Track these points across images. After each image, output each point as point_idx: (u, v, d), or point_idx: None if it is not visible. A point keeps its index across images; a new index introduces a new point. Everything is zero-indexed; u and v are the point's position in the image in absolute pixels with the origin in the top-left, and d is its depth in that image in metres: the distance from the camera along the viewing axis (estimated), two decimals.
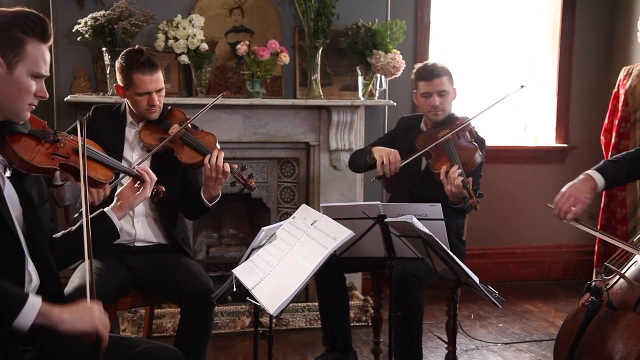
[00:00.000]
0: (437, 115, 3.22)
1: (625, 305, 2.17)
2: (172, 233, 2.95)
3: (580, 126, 5.12)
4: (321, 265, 2.11)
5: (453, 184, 2.85)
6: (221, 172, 2.81)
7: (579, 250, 5.14)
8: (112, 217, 2.22)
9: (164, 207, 2.93)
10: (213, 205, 2.92)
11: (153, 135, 2.90)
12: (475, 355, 3.68)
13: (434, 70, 3.21)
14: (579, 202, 2.39)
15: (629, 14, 4.94)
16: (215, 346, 3.69)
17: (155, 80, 2.84)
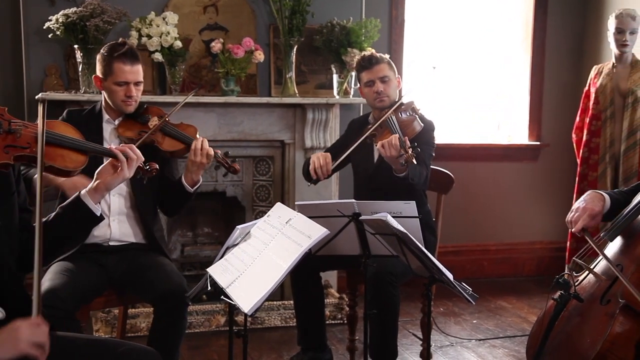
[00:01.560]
0: (382, 101, 3.24)
1: (592, 298, 2.22)
2: (152, 229, 2.94)
3: (553, 124, 5.18)
4: (296, 263, 2.11)
5: (390, 146, 2.86)
6: (205, 156, 2.85)
7: (552, 247, 5.21)
8: (87, 203, 2.14)
9: (142, 205, 2.91)
10: (195, 191, 2.93)
11: (131, 130, 2.89)
12: (449, 351, 3.70)
13: (372, 58, 3.26)
14: (588, 210, 2.35)
15: (600, 13, 5.00)
16: (190, 345, 3.67)
17: (135, 71, 2.85)
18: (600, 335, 2.06)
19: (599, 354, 2.04)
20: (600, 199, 2.39)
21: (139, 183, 2.79)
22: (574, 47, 5.19)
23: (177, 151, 2.91)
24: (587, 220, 2.33)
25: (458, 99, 5.16)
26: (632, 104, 4.19)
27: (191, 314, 3.86)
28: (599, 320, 2.12)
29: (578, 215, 2.36)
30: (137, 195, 2.90)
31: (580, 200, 2.42)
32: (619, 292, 2.11)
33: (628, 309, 2.07)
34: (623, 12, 4.16)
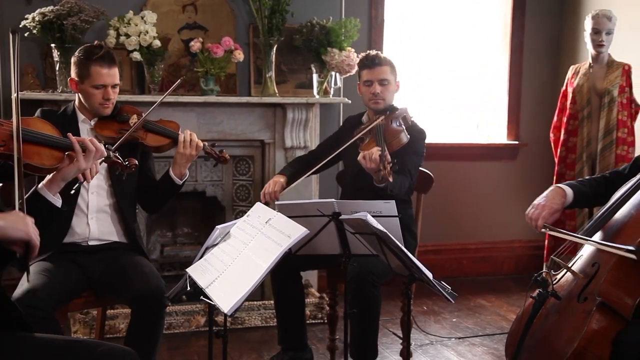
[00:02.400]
0: (377, 103, 3.25)
1: (569, 296, 2.24)
2: (132, 227, 2.93)
3: (531, 124, 5.23)
4: (276, 263, 2.11)
5: (370, 159, 2.86)
6: (195, 147, 2.88)
7: (530, 246, 5.25)
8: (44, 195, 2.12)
9: (121, 203, 2.90)
10: (183, 184, 2.95)
11: (110, 128, 2.87)
12: (429, 350, 3.72)
13: (375, 59, 3.25)
14: (547, 208, 2.44)
15: (577, 14, 5.06)
16: (169, 346, 3.65)
17: (112, 74, 2.84)
18: (578, 333, 2.08)
19: (576, 351, 2.06)
20: (561, 195, 2.47)
21: (119, 180, 2.78)
22: (552, 48, 5.24)
23: (163, 146, 2.92)
24: (547, 217, 2.43)
25: (437, 99, 5.18)
26: (609, 104, 4.24)
27: (171, 315, 3.84)
28: (576, 318, 2.14)
29: (537, 213, 2.44)
30: (115, 193, 2.89)
31: (541, 197, 2.50)
32: (596, 289, 2.13)
33: (604, 306, 2.10)
34: (599, 12, 4.20)
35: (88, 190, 2.85)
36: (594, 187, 2.55)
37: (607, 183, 2.55)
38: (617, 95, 4.23)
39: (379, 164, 2.82)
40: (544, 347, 2.21)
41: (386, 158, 2.82)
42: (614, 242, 2.18)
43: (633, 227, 2.18)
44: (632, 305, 2.09)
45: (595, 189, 2.54)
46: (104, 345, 1.94)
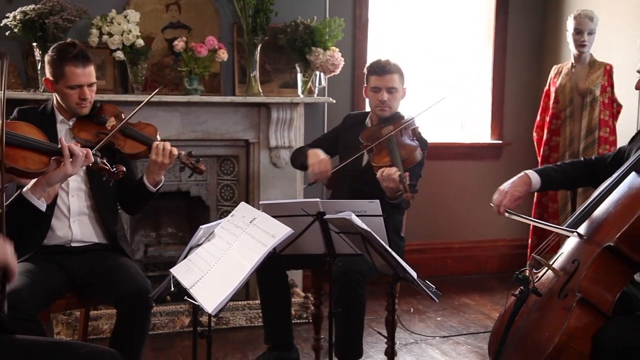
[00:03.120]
0: (384, 111, 3.25)
1: (550, 293, 2.26)
2: (113, 229, 2.90)
3: (514, 123, 5.26)
4: (262, 263, 2.11)
5: (390, 179, 2.88)
6: (168, 156, 2.80)
7: (514, 244, 5.28)
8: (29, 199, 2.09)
9: (101, 205, 2.87)
10: (157, 191, 2.90)
11: (88, 130, 2.82)
12: (414, 349, 3.73)
13: (386, 66, 3.24)
14: (509, 195, 2.55)
15: (559, 13, 5.09)
16: (154, 347, 3.64)
17: (87, 73, 2.77)
18: (558, 329, 2.10)
19: (557, 347, 2.08)
20: (525, 182, 2.59)
21: (98, 183, 2.75)
22: (534, 47, 5.27)
23: (139, 153, 2.86)
24: (508, 204, 2.54)
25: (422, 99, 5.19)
26: (591, 103, 4.27)
27: (155, 315, 3.82)
28: (556, 314, 2.16)
29: (500, 200, 2.56)
30: (95, 195, 2.85)
31: (507, 183, 2.60)
32: (576, 286, 2.15)
33: (585, 302, 2.12)
34: (581, 13, 4.24)
35: (68, 194, 2.81)
36: (567, 171, 2.64)
37: (586, 168, 2.63)
38: (599, 94, 4.26)
39: (398, 185, 2.84)
40: (526, 344, 2.23)
41: (406, 178, 2.83)
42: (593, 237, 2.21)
43: (611, 223, 2.21)
44: (612, 301, 2.11)
45: (569, 174, 2.64)
46: (87, 347, 1.93)
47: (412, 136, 3.22)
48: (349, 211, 2.41)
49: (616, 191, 2.28)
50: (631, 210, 2.14)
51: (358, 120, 3.44)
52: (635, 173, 2.26)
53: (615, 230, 2.14)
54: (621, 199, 2.25)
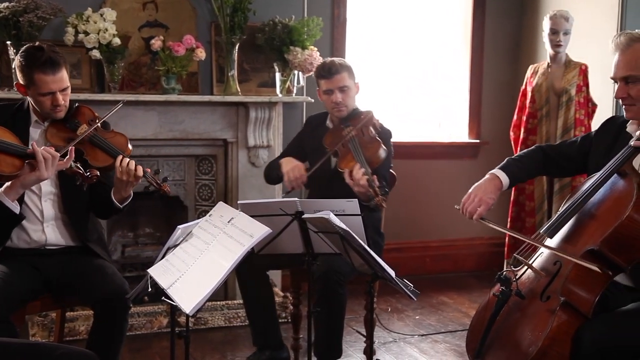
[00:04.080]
0: (340, 111, 3.25)
1: (532, 294, 2.26)
2: (85, 235, 2.85)
3: (492, 122, 5.29)
4: (241, 263, 2.10)
5: (359, 185, 2.87)
6: (133, 176, 2.68)
7: (491, 243, 5.32)
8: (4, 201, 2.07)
9: (74, 209, 2.83)
10: (124, 207, 2.82)
11: (59, 135, 2.73)
12: (392, 347, 3.74)
13: (332, 67, 3.23)
14: (483, 203, 2.48)
15: (536, 13, 5.14)
16: (131, 348, 3.61)
17: (58, 79, 2.66)
18: (542, 332, 2.10)
19: (540, 351, 2.08)
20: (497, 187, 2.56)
21: (70, 186, 2.70)
22: (511, 47, 5.31)
23: (106, 167, 2.71)
24: (482, 213, 2.50)
25: (400, 98, 5.21)
26: (566, 103, 4.32)
27: (132, 316, 3.79)
28: (539, 317, 2.16)
29: (473, 207, 2.50)
30: (65, 199, 2.80)
31: (479, 187, 2.55)
32: (559, 288, 2.15)
33: (567, 305, 2.12)
34: (557, 13, 4.28)
35: (41, 198, 2.76)
36: (528, 165, 2.62)
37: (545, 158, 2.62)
38: (574, 94, 4.31)
39: (367, 189, 2.83)
40: (508, 345, 2.23)
41: (374, 181, 2.82)
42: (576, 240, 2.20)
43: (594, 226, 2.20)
44: (593, 303, 2.11)
45: (530, 167, 2.63)
46: (63, 348, 1.91)
47: (374, 131, 3.18)
48: (328, 210, 2.41)
49: (598, 193, 2.26)
50: (614, 214, 2.13)
51: (319, 121, 3.43)
52: (617, 175, 2.25)
53: (599, 234, 2.13)
54: (604, 202, 2.24)
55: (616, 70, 2.29)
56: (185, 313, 2.01)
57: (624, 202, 2.13)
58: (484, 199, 2.49)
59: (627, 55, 2.25)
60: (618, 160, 2.26)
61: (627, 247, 2.11)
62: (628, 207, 2.10)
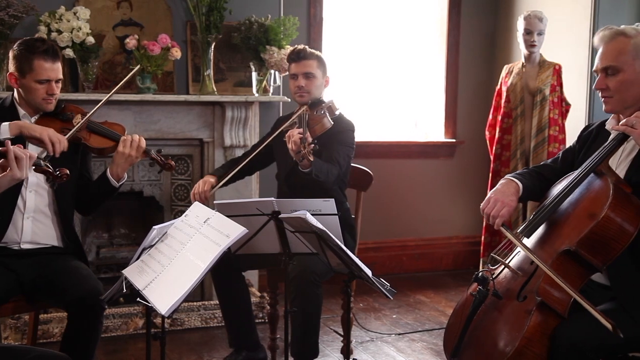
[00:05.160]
0: (302, 97, 3.25)
1: (509, 294, 2.26)
2: (68, 230, 2.85)
3: (467, 122, 5.33)
4: (217, 264, 2.09)
5: (291, 141, 2.88)
6: (136, 148, 2.81)
7: (467, 242, 5.36)
8: None
9: (64, 202, 2.82)
10: (119, 187, 2.88)
11: (53, 127, 2.76)
12: (370, 346, 3.75)
13: (301, 52, 3.27)
14: (505, 206, 2.36)
15: (510, 14, 5.18)
16: (106, 350, 3.57)
17: (56, 69, 2.77)
18: (518, 332, 2.11)
19: (517, 351, 2.09)
20: (516, 190, 2.41)
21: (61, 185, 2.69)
22: (487, 47, 5.35)
23: (106, 148, 2.85)
24: (505, 216, 2.34)
25: (376, 97, 5.23)
26: (541, 102, 4.36)
27: (108, 317, 3.76)
28: (516, 317, 2.17)
29: (497, 210, 2.35)
30: (58, 196, 2.80)
31: (498, 191, 2.41)
32: (535, 288, 2.16)
33: (544, 305, 2.13)
34: (531, 13, 4.32)
35: (27, 188, 2.75)
36: (533, 181, 2.52)
37: (539, 177, 2.53)
38: (548, 94, 4.35)
39: (299, 145, 2.82)
40: (485, 345, 2.23)
41: (307, 139, 2.83)
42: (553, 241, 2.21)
43: (571, 226, 2.21)
44: (569, 303, 2.13)
45: (534, 184, 2.52)
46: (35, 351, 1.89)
47: (326, 112, 3.16)
48: (304, 210, 2.40)
49: (574, 193, 2.27)
50: (591, 214, 2.14)
51: (285, 119, 3.44)
52: (593, 174, 2.26)
53: (575, 234, 2.14)
54: (580, 202, 2.24)
55: (597, 62, 2.31)
56: (161, 314, 1.99)
57: (600, 202, 2.14)
58: (505, 201, 2.36)
59: (609, 46, 2.27)
60: (594, 160, 2.27)
61: (603, 247, 2.12)
62: (604, 207, 2.10)
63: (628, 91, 2.25)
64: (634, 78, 2.24)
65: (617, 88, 2.26)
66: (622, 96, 2.26)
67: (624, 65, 2.24)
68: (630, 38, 2.24)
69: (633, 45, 2.24)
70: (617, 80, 2.26)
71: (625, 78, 2.24)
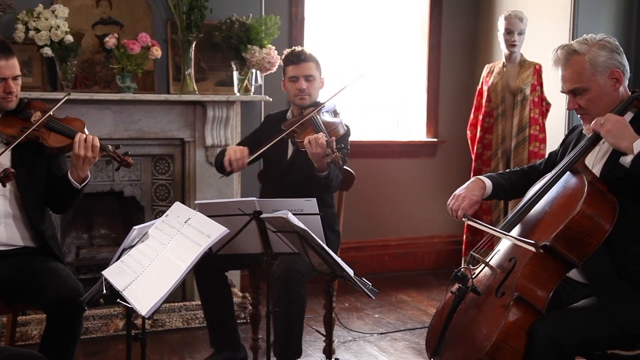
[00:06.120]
0: (303, 99, 3.26)
1: (488, 291, 2.29)
2: (41, 229, 2.79)
3: (449, 121, 5.35)
4: (200, 264, 2.08)
5: (317, 144, 2.89)
6: (90, 149, 2.71)
7: (449, 241, 5.38)
8: None
9: (30, 203, 2.76)
10: (83, 188, 2.80)
11: (13, 127, 2.72)
12: (352, 346, 3.75)
13: (301, 55, 3.27)
14: (467, 199, 2.48)
15: (491, 13, 5.21)
16: (86, 352, 3.54)
17: (11, 65, 2.68)
18: (496, 327, 2.13)
19: (494, 345, 2.10)
20: (480, 186, 2.53)
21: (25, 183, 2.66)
22: (468, 47, 5.38)
23: (64, 147, 2.77)
24: (466, 208, 2.46)
25: (358, 97, 5.23)
26: (521, 102, 4.38)
27: (87, 319, 3.72)
28: (494, 312, 2.19)
29: (458, 204, 2.48)
30: (24, 196, 2.75)
31: (462, 188, 2.54)
32: (513, 284, 2.18)
33: (521, 300, 2.15)
34: (511, 13, 4.35)
35: None
36: (512, 180, 2.63)
37: (525, 176, 2.64)
38: (529, 93, 4.38)
39: (325, 149, 2.85)
40: (464, 341, 2.26)
41: (332, 144, 2.85)
42: (530, 237, 2.24)
43: (547, 223, 2.24)
44: (546, 299, 2.16)
45: (513, 182, 2.62)
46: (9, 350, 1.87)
47: (335, 115, 3.24)
48: (286, 210, 2.40)
49: (551, 191, 2.31)
50: (566, 210, 2.17)
51: (279, 117, 3.44)
52: (570, 173, 2.30)
53: (551, 230, 2.17)
54: (556, 199, 2.28)
55: (562, 85, 2.37)
56: (142, 315, 1.97)
57: (575, 198, 2.18)
58: (467, 195, 2.49)
59: (568, 69, 2.31)
60: (571, 159, 2.32)
61: (579, 242, 2.15)
62: (579, 203, 2.14)
63: (599, 105, 2.30)
64: (601, 92, 2.29)
65: (589, 105, 2.31)
66: (595, 112, 2.30)
67: (588, 84, 2.28)
68: (583, 55, 2.28)
69: (589, 63, 2.27)
70: (587, 99, 2.30)
71: (594, 95, 2.29)
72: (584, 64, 2.28)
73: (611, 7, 4.66)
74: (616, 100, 2.30)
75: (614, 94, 2.29)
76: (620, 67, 2.28)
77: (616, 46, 2.30)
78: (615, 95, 2.30)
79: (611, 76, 2.28)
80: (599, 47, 2.28)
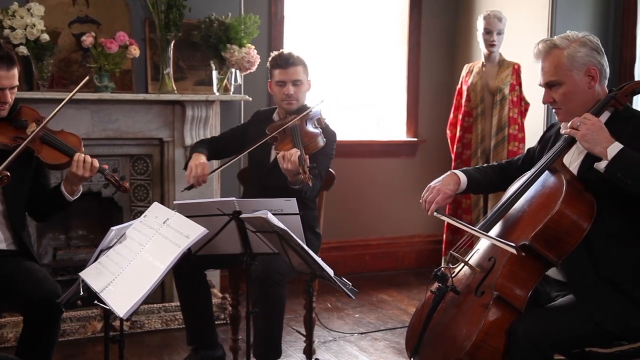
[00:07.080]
0: (290, 104, 3.24)
1: (467, 290, 2.30)
2: (21, 235, 2.77)
3: (429, 121, 5.36)
4: (179, 264, 2.06)
5: (289, 160, 2.87)
6: (89, 170, 2.72)
7: (430, 240, 5.39)
8: None
9: (15, 208, 2.74)
10: (74, 201, 2.81)
11: (6, 134, 2.69)
12: (332, 346, 3.74)
13: (289, 59, 3.23)
14: (441, 192, 2.49)
15: (470, 13, 5.23)
16: (64, 354, 3.50)
17: (11, 76, 2.66)
18: (475, 326, 2.14)
19: (474, 345, 2.11)
20: (455, 181, 2.54)
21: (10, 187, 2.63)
22: (447, 47, 5.40)
23: (61, 164, 2.76)
24: (440, 202, 2.48)
25: (338, 96, 5.22)
26: (500, 102, 4.41)
27: (65, 321, 3.68)
28: (474, 312, 2.20)
29: (432, 197, 2.49)
30: (8, 202, 2.72)
31: (436, 181, 2.55)
32: (492, 283, 2.19)
33: (500, 299, 2.16)
34: (490, 13, 4.37)
35: None
36: (488, 174, 2.64)
37: (501, 171, 2.66)
38: (508, 93, 4.41)
39: (297, 167, 2.82)
40: (444, 341, 2.26)
41: (305, 161, 2.82)
42: (508, 236, 2.25)
43: (526, 222, 2.25)
44: (525, 298, 2.16)
45: (489, 177, 2.64)
46: None
47: (317, 125, 3.22)
48: (265, 210, 2.38)
49: (530, 190, 2.32)
50: (545, 209, 2.18)
51: (266, 116, 3.42)
52: (548, 172, 2.31)
53: (530, 229, 2.17)
54: (535, 198, 2.29)
55: (540, 77, 2.38)
56: (120, 317, 1.95)
57: (554, 197, 2.19)
58: (441, 189, 2.50)
59: (547, 62, 2.33)
60: (549, 158, 2.33)
61: (557, 241, 2.16)
62: (558, 202, 2.15)
63: (573, 101, 2.31)
64: (576, 88, 2.30)
65: (562, 100, 2.32)
66: (568, 107, 2.32)
67: (564, 78, 2.30)
68: (563, 50, 2.30)
69: (567, 57, 2.29)
70: (561, 93, 2.32)
71: (568, 90, 2.30)
72: (561, 58, 2.29)
73: (589, 7, 4.70)
74: (591, 99, 2.31)
75: (589, 91, 2.30)
76: (597, 66, 2.30)
77: (597, 45, 2.32)
78: (590, 94, 2.31)
79: (587, 73, 2.29)
80: (579, 44, 2.30)
